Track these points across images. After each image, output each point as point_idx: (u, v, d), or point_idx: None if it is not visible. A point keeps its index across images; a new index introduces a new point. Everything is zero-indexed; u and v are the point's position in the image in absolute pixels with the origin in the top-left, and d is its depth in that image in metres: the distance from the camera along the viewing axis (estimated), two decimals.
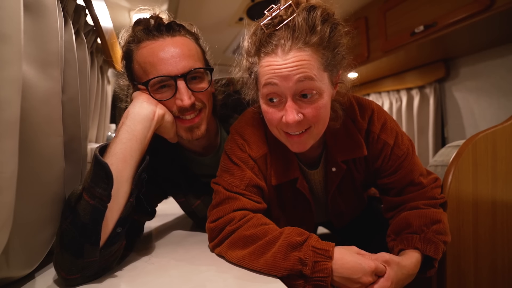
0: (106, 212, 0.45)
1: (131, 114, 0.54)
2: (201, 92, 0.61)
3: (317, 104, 0.49)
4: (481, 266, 0.70)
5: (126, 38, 0.62)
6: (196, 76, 0.61)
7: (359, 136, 0.59)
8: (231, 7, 1.80)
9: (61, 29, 0.50)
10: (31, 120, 0.42)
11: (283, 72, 0.47)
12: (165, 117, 0.59)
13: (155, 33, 0.59)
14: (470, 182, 0.70)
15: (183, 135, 0.63)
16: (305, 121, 0.50)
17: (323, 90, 0.50)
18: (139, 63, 0.59)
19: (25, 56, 0.42)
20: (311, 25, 0.47)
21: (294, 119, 0.49)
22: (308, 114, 0.50)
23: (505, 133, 0.73)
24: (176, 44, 0.59)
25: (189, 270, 0.50)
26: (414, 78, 1.99)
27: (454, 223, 0.67)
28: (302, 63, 0.47)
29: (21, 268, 0.44)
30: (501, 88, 1.54)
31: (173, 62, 0.57)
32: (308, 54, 0.47)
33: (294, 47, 0.47)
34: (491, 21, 1.22)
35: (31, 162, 0.42)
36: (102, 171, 0.45)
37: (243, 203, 0.56)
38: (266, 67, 0.49)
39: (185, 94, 0.58)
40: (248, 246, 0.51)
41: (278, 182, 0.61)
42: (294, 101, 0.49)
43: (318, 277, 0.46)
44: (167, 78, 0.57)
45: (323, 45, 0.48)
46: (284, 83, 0.48)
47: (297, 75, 0.47)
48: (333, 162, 0.61)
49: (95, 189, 0.44)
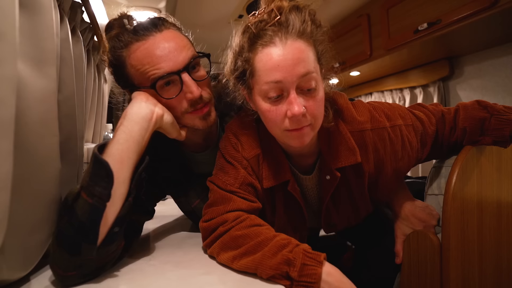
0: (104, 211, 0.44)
1: (129, 114, 0.54)
2: (203, 80, 0.61)
3: (317, 97, 0.50)
4: (486, 268, 0.69)
5: (109, 44, 0.60)
6: (195, 65, 0.61)
7: (353, 142, 0.59)
8: (230, 4, 1.78)
9: (57, 27, 0.50)
10: (26, 120, 0.41)
11: (286, 63, 0.47)
12: (164, 117, 0.58)
13: (142, 32, 0.57)
14: (475, 183, 0.69)
15: (199, 125, 0.63)
16: (307, 115, 0.50)
17: (320, 83, 0.50)
18: (135, 67, 0.58)
19: (20, 54, 0.41)
20: (302, 21, 0.49)
21: (300, 111, 0.48)
22: (310, 107, 0.49)
23: None
24: (167, 38, 0.58)
25: (187, 273, 0.49)
26: (418, 77, 1.96)
27: (458, 224, 0.66)
28: (301, 54, 0.47)
29: (16, 270, 0.43)
30: (507, 86, 1.52)
31: (172, 57, 0.56)
32: (303, 45, 0.48)
33: (290, 38, 0.48)
34: (496, 19, 1.20)
35: (26, 162, 0.41)
36: (102, 170, 0.45)
37: (238, 204, 0.55)
38: (268, 60, 0.48)
39: (193, 86, 0.58)
40: (240, 247, 0.50)
41: (270, 185, 0.60)
42: (297, 94, 0.49)
43: (306, 281, 0.44)
44: (171, 75, 0.56)
45: (313, 38, 0.50)
46: (288, 75, 0.47)
47: (300, 65, 0.47)
48: (327, 169, 0.60)
49: (94, 188, 0.44)
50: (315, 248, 0.48)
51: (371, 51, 1.81)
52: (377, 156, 0.61)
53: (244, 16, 1.90)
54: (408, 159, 0.64)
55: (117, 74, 0.62)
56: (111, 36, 0.59)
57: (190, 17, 1.93)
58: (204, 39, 0.68)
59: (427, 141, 0.64)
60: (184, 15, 0.55)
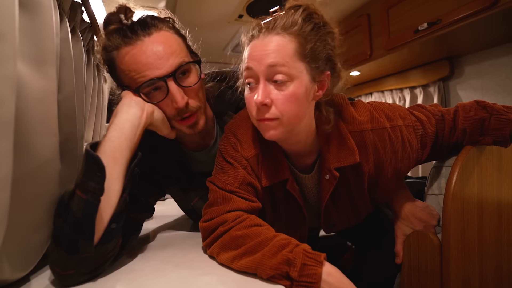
0: (99, 208, 0.45)
1: (119, 112, 0.54)
2: (193, 87, 0.60)
3: (287, 92, 0.50)
4: (486, 269, 0.68)
5: (102, 43, 0.59)
6: (185, 71, 0.60)
7: (352, 142, 0.58)
8: (230, 4, 1.78)
9: (56, 27, 0.50)
10: (26, 120, 0.41)
11: (258, 53, 0.50)
12: (155, 114, 0.58)
13: (130, 36, 0.56)
14: (475, 183, 0.68)
15: (186, 132, 0.63)
16: (273, 107, 0.50)
17: (295, 78, 0.50)
18: (124, 72, 0.58)
19: (20, 54, 0.41)
20: (292, 19, 0.50)
21: (260, 100, 0.49)
22: (276, 101, 0.50)
23: None
24: (155, 42, 0.57)
25: (188, 274, 0.49)
26: (418, 77, 1.96)
27: (459, 224, 0.66)
28: (276, 47, 0.49)
29: (16, 270, 0.43)
30: (507, 86, 1.52)
31: (158, 64, 0.56)
32: (285, 39, 0.49)
33: (273, 32, 0.50)
34: (496, 18, 1.20)
35: (26, 162, 0.41)
36: (94, 164, 0.45)
37: (238, 204, 0.55)
38: (248, 52, 0.51)
39: (177, 95, 0.57)
40: (239, 247, 0.50)
41: (269, 183, 0.60)
42: (266, 84, 0.50)
43: (306, 282, 0.44)
44: (156, 80, 0.56)
45: (303, 35, 0.50)
46: (256, 64, 0.50)
47: (270, 56, 0.49)
48: (326, 169, 0.60)
49: (87, 184, 0.44)
50: (315, 248, 0.48)
51: (371, 51, 1.81)
52: (377, 157, 0.61)
53: (244, 16, 1.90)
54: (408, 160, 0.64)
55: (111, 73, 0.62)
56: (108, 32, 0.58)
57: (190, 17, 1.93)
58: (204, 39, 0.68)
59: (427, 142, 0.64)
60: (183, 15, 0.55)
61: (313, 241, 0.65)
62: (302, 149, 0.61)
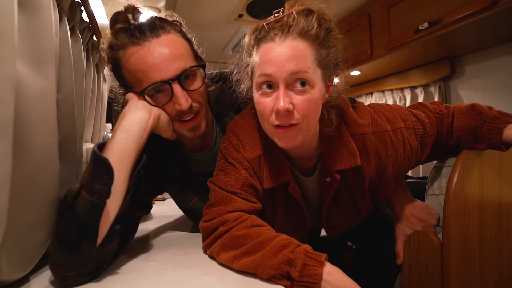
0: (104, 209, 0.45)
1: (128, 114, 0.54)
2: (196, 91, 0.60)
3: (308, 96, 0.50)
4: (487, 269, 0.68)
5: (109, 41, 0.59)
6: (189, 75, 0.60)
7: (353, 145, 0.58)
8: (230, 3, 1.78)
9: (56, 26, 0.49)
10: (25, 120, 0.41)
11: (279, 58, 0.48)
12: (161, 118, 0.59)
13: (138, 36, 0.56)
14: (476, 183, 0.68)
15: (187, 135, 0.63)
16: (295, 113, 0.50)
17: (315, 83, 0.50)
18: (129, 71, 0.58)
19: (19, 53, 0.40)
20: (308, 23, 0.49)
21: (284, 106, 0.48)
22: (298, 106, 0.50)
23: None
24: (163, 45, 0.57)
25: (187, 274, 0.49)
26: (419, 76, 1.96)
27: (460, 225, 0.66)
28: (297, 52, 0.48)
29: (15, 271, 0.43)
30: (508, 86, 1.52)
31: (164, 67, 0.56)
32: (303, 45, 0.49)
33: (290, 36, 0.49)
34: (497, 18, 1.19)
35: (25, 162, 0.41)
36: (102, 167, 0.45)
37: (239, 204, 0.55)
38: (264, 55, 0.50)
39: (181, 98, 0.57)
40: (240, 247, 0.50)
41: (271, 185, 0.60)
42: (286, 90, 0.50)
43: (307, 282, 0.44)
44: (161, 83, 0.56)
45: (318, 41, 0.50)
46: (278, 70, 0.48)
47: (292, 62, 0.48)
48: (327, 172, 0.60)
49: (94, 185, 0.44)
50: (316, 249, 0.48)
51: (372, 51, 1.81)
52: (379, 160, 0.61)
53: (244, 15, 1.90)
54: (408, 161, 0.64)
55: (114, 72, 0.62)
56: (115, 30, 0.58)
57: (190, 17, 1.93)
58: (204, 38, 0.68)
59: (428, 142, 0.64)
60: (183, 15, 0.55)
61: (313, 241, 0.65)
62: (305, 151, 0.61)
